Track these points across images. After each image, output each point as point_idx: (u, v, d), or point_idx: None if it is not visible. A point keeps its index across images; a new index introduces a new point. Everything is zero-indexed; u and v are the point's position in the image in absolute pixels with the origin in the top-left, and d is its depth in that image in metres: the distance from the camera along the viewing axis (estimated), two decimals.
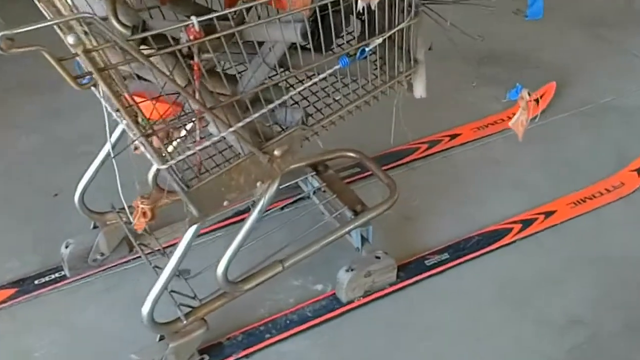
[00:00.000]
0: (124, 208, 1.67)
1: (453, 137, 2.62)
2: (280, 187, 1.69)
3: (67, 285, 2.11)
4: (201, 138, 1.58)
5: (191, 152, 1.51)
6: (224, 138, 1.59)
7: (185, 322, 1.76)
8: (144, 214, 1.52)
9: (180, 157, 1.48)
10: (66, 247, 2.06)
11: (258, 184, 1.66)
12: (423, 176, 2.47)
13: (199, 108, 1.45)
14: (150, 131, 1.42)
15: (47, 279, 2.13)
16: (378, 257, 2.01)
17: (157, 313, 1.71)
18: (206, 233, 2.20)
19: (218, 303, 1.83)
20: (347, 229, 1.96)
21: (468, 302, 2.04)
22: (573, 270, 2.12)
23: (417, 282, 2.08)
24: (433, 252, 2.16)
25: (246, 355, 1.91)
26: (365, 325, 1.99)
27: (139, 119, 1.37)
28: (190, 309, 1.80)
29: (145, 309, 1.70)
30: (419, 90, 1.78)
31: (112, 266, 2.15)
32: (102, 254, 2.13)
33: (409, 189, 2.38)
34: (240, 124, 1.55)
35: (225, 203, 1.64)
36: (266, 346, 1.93)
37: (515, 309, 2.01)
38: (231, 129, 1.51)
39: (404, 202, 2.29)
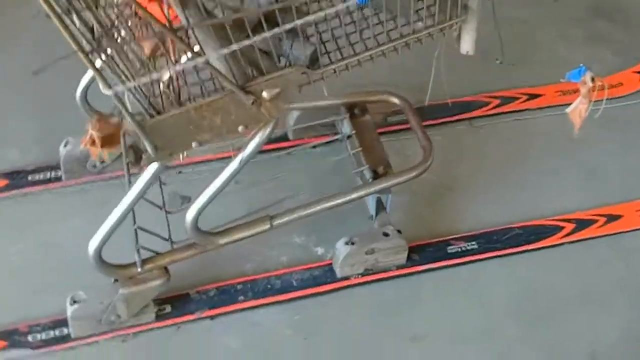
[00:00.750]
0: None
1: (532, 96, 2.17)
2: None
3: (60, 189, 1.88)
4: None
5: (151, 77, 1.20)
6: (208, 65, 1.27)
7: (140, 269, 1.50)
8: (93, 141, 1.23)
9: (134, 83, 1.18)
10: (65, 145, 1.84)
11: (240, 128, 1.34)
12: (483, 138, 2.07)
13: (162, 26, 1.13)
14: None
15: (41, 176, 1.91)
16: (386, 235, 1.68)
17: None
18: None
19: (186, 253, 1.56)
20: (359, 194, 1.64)
21: (481, 306, 1.70)
22: (624, 296, 1.72)
23: (430, 269, 1.75)
24: (460, 237, 1.81)
25: (211, 317, 1.65)
26: (355, 308, 1.69)
27: None
28: (154, 255, 1.54)
29: (93, 245, 1.46)
30: (466, 44, 1.40)
31: (113, 177, 1.90)
32: (103, 161, 1.88)
33: (461, 150, 2.01)
34: (225, 51, 1.22)
35: (194, 144, 1.34)
36: (236, 310, 1.66)
37: (533, 328, 1.66)
38: (202, 58, 1.18)
39: (448, 165, 1.94)
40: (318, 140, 1.92)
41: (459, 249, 1.78)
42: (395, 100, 1.81)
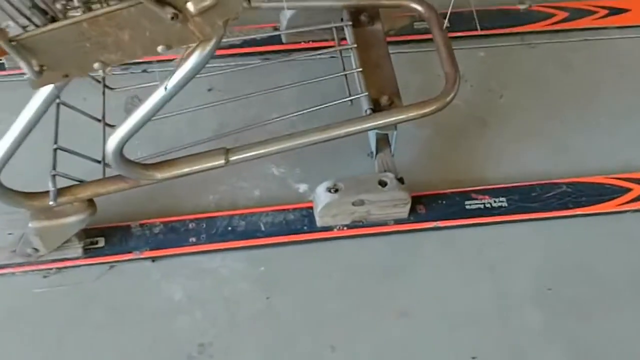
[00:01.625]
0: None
1: (615, 11, 1.65)
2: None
3: (6, 78, 1.56)
4: None
5: None
6: None
7: (53, 201, 1.17)
8: None
9: None
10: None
11: (160, 48, 0.95)
12: (538, 60, 1.60)
13: None
14: None
15: None
16: (383, 184, 1.28)
17: None
18: None
19: (114, 186, 1.22)
20: (350, 129, 1.23)
21: (497, 284, 1.31)
22: None
23: (439, 228, 1.36)
24: (485, 190, 1.39)
25: (152, 258, 1.33)
26: (334, 267, 1.33)
27: None
28: (76, 184, 1.21)
29: None
30: None
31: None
32: None
33: (506, 72, 1.56)
34: None
35: (97, 65, 0.95)
36: (185, 253, 1.33)
37: (561, 320, 1.28)
38: None
39: (486, 92, 1.50)
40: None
41: (482, 206, 1.37)
42: (416, 6, 1.34)
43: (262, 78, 1.48)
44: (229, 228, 1.35)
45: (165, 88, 1.01)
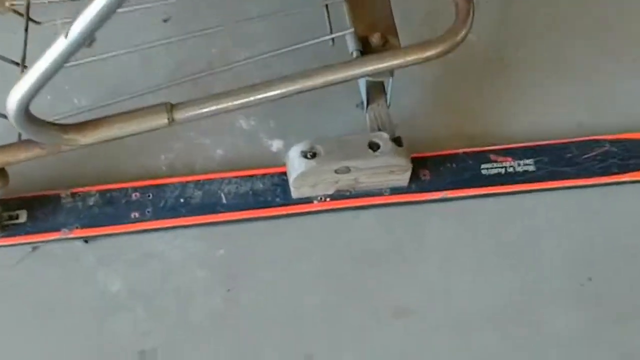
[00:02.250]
0: None
1: None
2: None
3: None
4: None
5: None
6: None
7: None
8: None
9: None
10: None
11: None
12: None
13: None
14: None
15: None
16: (374, 147, 0.99)
17: None
18: None
19: (23, 154, 0.94)
20: (330, 77, 0.93)
21: (518, 271, 1.04)
22: None
23: (447, 200, 1.07)
24: (507, 150, 1.10)
25: (85, 238, 1.05)
26: (313, 248, 1.06)
27: None
28: None
29: None
30: None
31: None
32: None
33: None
34: None
35: None
36: (125, 232, 1.06)
37: (599, 323, 1.01)
38: None
39: (509, 25, 1.18)
40: None
41: (502, 170, 1.08)
42: None
43: (230, 8, 1.18)
44: (182, 199, 1.07)
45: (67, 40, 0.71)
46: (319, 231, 1.06)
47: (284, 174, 1.06)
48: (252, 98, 0.92)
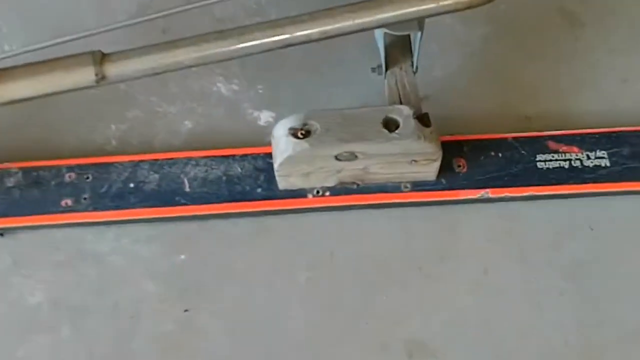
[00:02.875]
0: None
1: None
2: None
3: None
4: None
5: None
6: None
7: None
8: None
9: None
10: None
11: None
12: None
13: None
14: None
15: None
16: (392, 125, 0.71)
17: None
18: None
19: None
20: (337, 26, 0.65)
21: (587, 311, 0.75)
22: None
23: (489, 200, 0.80)
24: (571, 136, 0.82)
25: (0, 230, 0.78)
26: (297, 256, 0.79)
27: None
28: None
29: None
30: None
31: None
32: None
33: None
34: None
35: None
36: (52, 225, 0.80)
37: None
38: None
39: None
40: None
41: (565, 163, 0.80)
42: None
43: None
44: (131, 185, 0.80)
45: None
46: (312, 235, 0.79)
47: (270, 156, 0.79)
48: (217, 50, 0.65)
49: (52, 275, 0.77)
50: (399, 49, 0.76)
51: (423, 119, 0.70)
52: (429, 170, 0.75)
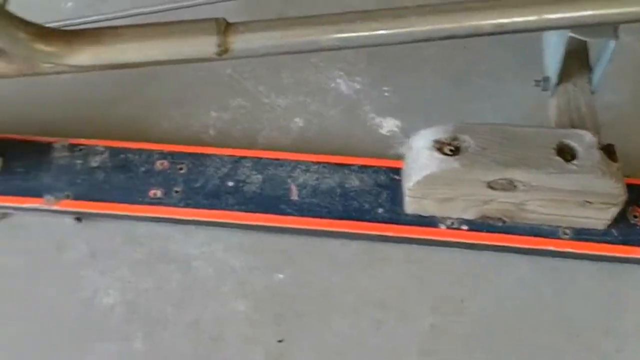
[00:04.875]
0: None
1: None
2: None
3: None
4: None
5: None
6: None
7: None
8: None
9: None
10: None
11: None
12: None
13: None
14: None
15: None
16: (568, 153, 0.57)
17: None
18: None
19: None
20: (503, 21, 0.52)
21: None
22: None
23: None
24: None
25: (76, 214, 0.69)
26: (419, 297, 0.65)
27: None
28: None
29: None
30: None
31: None
32: None
33: None
34: None
35: None
36: (135, 217, 0.69)
37: None
38: None
39: None
40: None
41: None
42: None
43: None
44: (230, 183, 0.68)
45: None
46: (440, 274, 0.66)
47: (397, 171, 0.66)
48: (362, 33, 0.53)
49: (130, 274, 0.66)
50: (576, 60, 0.63)
51: (608, 151, 0.57)
52: (602, 217, 0.61)
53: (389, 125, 0.74)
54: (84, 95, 0.74)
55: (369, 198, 0.67)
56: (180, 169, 0.69)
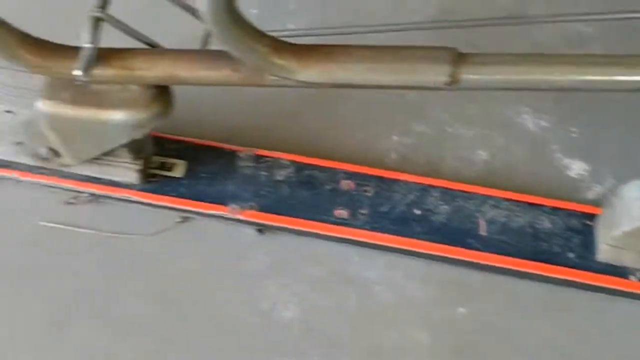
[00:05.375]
0: None
1: None
2: None
3: None
4: None
5: None
6: None
7: (81, 71, 0.55)
8: None
9: None
10: None
11: None
12: None
13: None
14: None
15: None
16: None
17: None
18: None
19: (203, 72, 0.61)
20: None
21: None
22: None
23: None
24: None
25: (259, 225, 0.70)
26: (600, 336, 0.62)
27: None
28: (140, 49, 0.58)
29: None
30: None
31: None
32: None
33: None
34: None
35: None
36: (321, 235, 0.68)
37: None
38: None
39: None
40: None
41: None
42: None
43: None
44: (417, 211, 0.67)
45: None
46: (626, 326, 0.63)
47: (590, 217, 0.64)
48: (606, 77, 0.51)
49: (309, 291, 0.66)
50: None
51: None
52: None
53: (577, 167, 0.72)
54: (270, 105, 0.74)
55: (560, 241, 0.65)
56: (366, 190, 0.69)
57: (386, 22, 0.59)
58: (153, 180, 0.70)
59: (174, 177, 0.70)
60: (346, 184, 0.69)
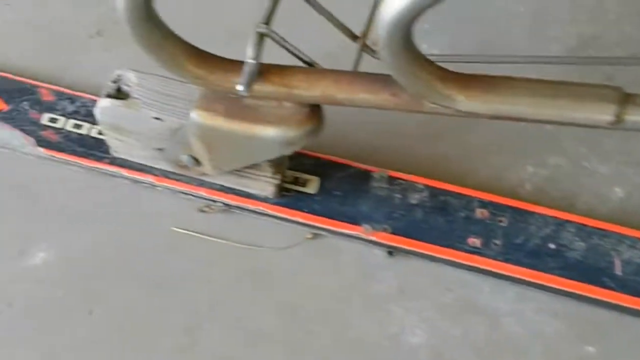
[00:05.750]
0: None
1: None
2: None
3: None
4: None
5: None
6: None
7: (242, 87, 0.57)
8: None
9: None
10: None
11: None
12: None
13: None
14: None
15: None
16: None
17: None
18: None
19: (359, 95, 0.60)
20: None
21: None
22: None
23: None
24: None
25: (390, 248, 0.70)
26: None
27: None
28: (300, 67, 0.60)
29: None
30: None
31: None
32: None
33: None
34: None
35: None
36: (452, 261, 0.68)
37: None
38: None
39: None
40: None
41: None
42: None
43: None
44: (552, 245, 0.67)
45: None
46: None
47: None
48: None
49: (437, 317, 0.66)
50: None
51: None
52: None
53: None
54: (403, 127, 0.75)
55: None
56: (501, 221, 0.68)
57: (525, 49, 0.59)
58: (287, 194, 0.71)
59: (307, 193, 0.71)
60: (480, 213, 0.69)
